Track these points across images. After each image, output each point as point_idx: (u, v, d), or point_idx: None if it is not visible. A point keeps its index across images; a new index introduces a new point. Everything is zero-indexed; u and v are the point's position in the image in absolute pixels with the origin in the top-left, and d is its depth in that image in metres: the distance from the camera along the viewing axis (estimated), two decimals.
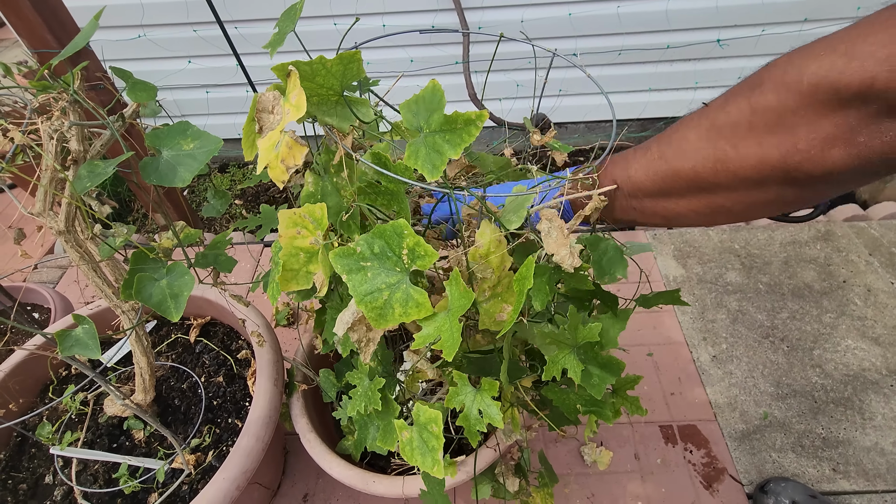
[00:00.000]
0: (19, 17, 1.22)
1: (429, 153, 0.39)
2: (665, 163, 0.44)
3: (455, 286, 0.45)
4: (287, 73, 0.42)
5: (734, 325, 1.42)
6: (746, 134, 0.38)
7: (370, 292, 0.45)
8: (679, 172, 0.43)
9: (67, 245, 0.65)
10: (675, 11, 1.60)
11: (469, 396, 0.57)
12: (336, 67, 0.43)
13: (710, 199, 0.43)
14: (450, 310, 0.45)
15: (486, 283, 0.51)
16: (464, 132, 0.39)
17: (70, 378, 1.02)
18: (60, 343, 0.47)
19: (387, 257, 0.45)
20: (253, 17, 1.60)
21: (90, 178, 0.54)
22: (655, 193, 0.47)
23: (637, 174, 0.47)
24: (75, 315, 0.50)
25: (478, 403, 0.56)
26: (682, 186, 0.44)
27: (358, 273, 0.45)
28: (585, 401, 0.65)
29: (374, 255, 0.45)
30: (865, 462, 1.14)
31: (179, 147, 0.57)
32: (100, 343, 0.57)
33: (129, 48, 1.64)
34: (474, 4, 1.59)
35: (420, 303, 0.44)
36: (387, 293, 0.45)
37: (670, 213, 0.47)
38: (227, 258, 0.79)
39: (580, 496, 1.12)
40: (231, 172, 2.12)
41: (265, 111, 0.43)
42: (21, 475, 0.91)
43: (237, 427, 0.93)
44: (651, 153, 0.46)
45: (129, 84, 0.58)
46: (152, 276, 0.59)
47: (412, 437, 0.54)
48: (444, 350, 0.43)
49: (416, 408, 0.54)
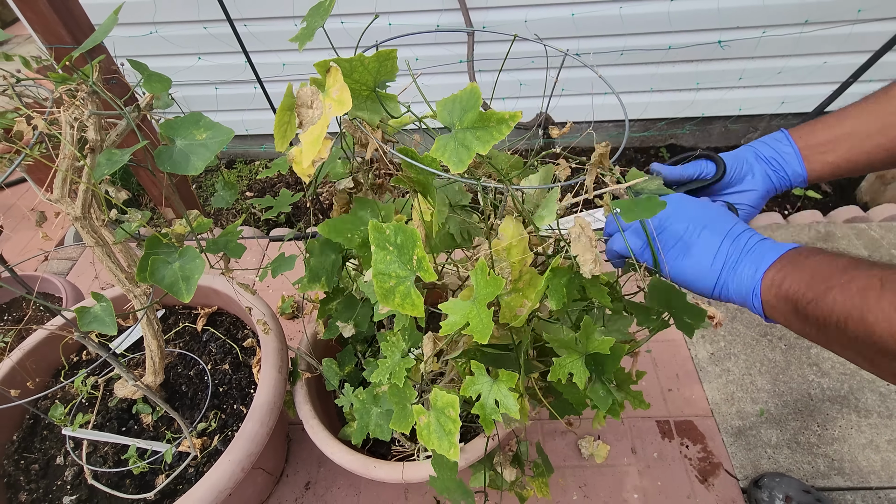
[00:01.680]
0: (35, 13, 1.26)
1: (457, 147, 0.42)
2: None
3: (481, 275, 0.47)
4: (327, 69, 0.44)
5: (732, 323, 1.44)
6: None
7: (384, 273, 0.48)
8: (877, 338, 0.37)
9: (83, 231, 0.68)
10: (676, 13, 1.62)
11: (486, 386, 0.58)
12: (373, 64, 0.46)
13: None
14: (476, 297, 0.47)
15: (507, 275, 0.53)
16: (495, 130, 0.41)
17: (81, 364, 1.05)
18: (80, 319, 0.50)
19: (404, 252, 0.48)
20: (262, 16, 1.63)
21: (109, 166, 0.56)
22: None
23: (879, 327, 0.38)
24: (94, 293, 0.53)
25: (494, 394, 0.57)
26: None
27: (382, 251, 0.49)
28: (598, 397, 0.67)
29: (396, 245, 0.48)
30: (860, 459, 1.16)
31: (192, 137, 0.60)
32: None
33: (141, 44, 1.67)
34: (479, 4, 1.61)
35: (415, 304, 0.47)
36: (394, 281, 0.48)
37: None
38: (237, 244, 0.82)
39: (576, 488, 1.14)
40: (238, 168, 2.15)
41: (304, 106, 0.45)
42: (33, 456, 0.93)
43: (242, 413, 0.96)
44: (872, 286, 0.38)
45: (145, 76, 0.61)
46: (165, 259, 0.62)
47: (429, 420, 0.56)
48: (475, 334, 0.45)
49: (434, 393, 0.56)
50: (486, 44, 1.69)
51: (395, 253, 0.48)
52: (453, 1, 1.58)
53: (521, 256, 0.52)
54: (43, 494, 0.88)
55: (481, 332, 0.45)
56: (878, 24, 1.65)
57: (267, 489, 1.12)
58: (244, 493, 1.00)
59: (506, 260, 0.52)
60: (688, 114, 1.92)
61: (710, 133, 2.07)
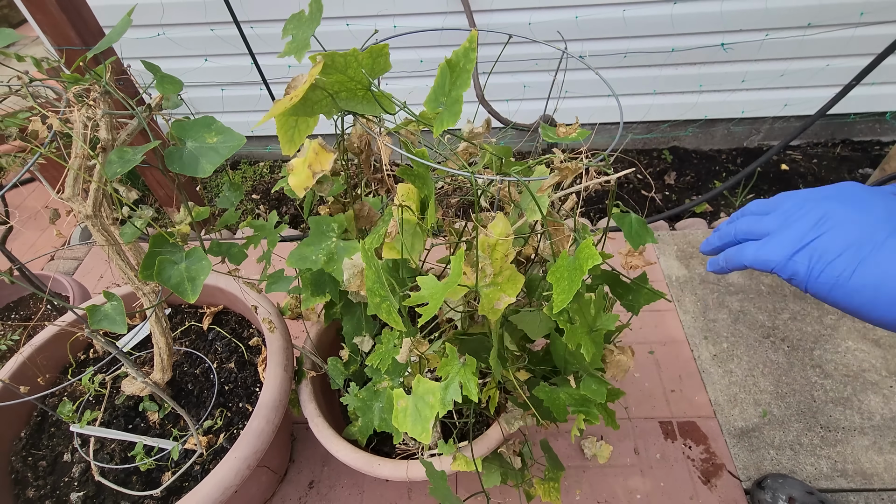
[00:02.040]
0: (45, 15, 1.27)
1: (448, 110, 0.45)
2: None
3: (457, 262, 0.48)
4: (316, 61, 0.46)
5: (735, 324, 1.44)
6: None
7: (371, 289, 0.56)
8: None
9: (94, 229, 0.69)
10: (679, 16, 1.63)
11: (455, 368, 0.60)
12: (366, 60, 0.47)
13: None
14: (448, 279, 0.49)
15: (488, 269, 0.55)
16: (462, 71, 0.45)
17: (88, 362, 1.06)
18: (91, 317, 0.51)
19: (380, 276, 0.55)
20: (269, 18, 1.64)
21: (120, 164, 0.57)
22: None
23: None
24: (105, 292, 0.53)
25: (460, 376, 0.59)
26: None
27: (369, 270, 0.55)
28: (575, 400, 0.69)
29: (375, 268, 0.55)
30: (863, 461, 1.16)
31: (203, 139, 0.61)
32: None
33: (149, 46, 1.69)
34: (483, 7, 1.63)
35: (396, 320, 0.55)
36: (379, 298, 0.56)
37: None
38: (238, 250, 0.83)
39: (579, 488, 1.14)
40: (242, 169, 2.16)
41: (293, 87, 0.47)
42: (41, 452, 0.94)
43: (248, 411, 0.96)
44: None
45: (158, 77, 0.62)
46: (172, 260, 0.63)
47: (407, 405, 0.57)
48: (424, 310, 0.48)
49: (417, 379, 0.58)
50: (490, 46, 1.69)
51: (375, 276, 0.54)
52: (458, 4, 1.60)
53: (505, 253, 0.53)
54: (50, 490, 0.89)
55: (428, 311, 0.49)
56: (881, 26, 1.66)
57: (271, 488, 1.12)
58: (249, 491, 1.00)
59: (489, 256, 0.54)
60: (691, 116, 1.92)
61: (713, 135, 2.07)
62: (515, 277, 0.54)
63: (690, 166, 2.05)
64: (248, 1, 1.59)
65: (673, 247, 1.67)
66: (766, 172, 1.99)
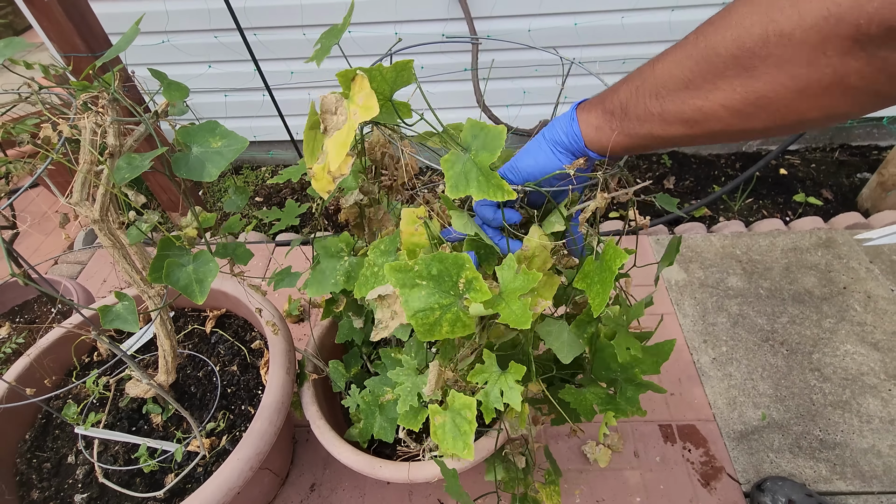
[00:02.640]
0: (51, 23, 1.29)
1: (459, 174, 0.45)
2: (703, 40, 0.37)
3: (509, 271, 0.49)
4: (352, 77, 0.46)
5: (734, 328, 1.45)
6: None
7: (423, 309, 0.49)
8: (718, 48, 0.36)
9: (101, 233, 0.70)
10: (677, 22, 1.65)
11: (494, 375, 0.60)
12: (390, 74, 0.48)
13: (749, 87, 0.36)
14: (504, 291, 0.50)
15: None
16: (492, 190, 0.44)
17: (92, 364, 1.07)
18: (103, 317, 0.52)
19: (444, 280, 0.49)
20: (272, 25, 1.66)
21: (129, 170, 0.59)
22: (683, 85, 0.39)
23: (665, 65, 0.40)
24: (117, 292, 0.55)
25: (501, 384, 0.59)
26: (718, 68, 0.36)
27: (412, 289, 0.49)
28: (601, 399, 0.68)
29: (430, 276, 0.49)
30: (862, 464, 1.16)
31: (208, 144, 0.62)
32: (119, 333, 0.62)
33: (153, 53, 1.71)
34: (484, 14, 1.65)
35: (467, 324, 0.49)
36: (438, 312, 0.49)
37: (697, 115, 0.39)
38: (244, 250, 0.84)
39: (580, 491, 1.15)
40: (244, 174, 2.18)
41: (328, 112, 0.47)
42: (45, 454, 0.95)
43: (250, 414, 0.97)
44: (685, 40, 0.39)
45: (165, 84, 0.63)
46: (180, 263, 0.64)
47: (445, 420, 0.57)
48: (512, 323, 0.47)
49: (451, 395, 0.58)
50: (491, 52, 1.71)
51: (432, 285, 0.49)
52: (459, 10, 1.62)
53: (542, 265, 0.54)
54: (55, 492, 0.90)
55: (517, 321, 0.47)
56: None
57: (273, 490, 1.13)
58: (251, 493, 1.01)
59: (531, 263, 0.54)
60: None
61: None
62: (552, 281, 0.55)
63: (689, 171, 2.06)
64: (252, 9, 1.61)
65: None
66: (764, 177, 2.01)
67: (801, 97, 0.34)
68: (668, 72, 0.40)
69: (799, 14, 0.31)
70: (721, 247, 1.68)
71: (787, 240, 1.68)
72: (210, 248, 0.71)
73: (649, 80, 0.42)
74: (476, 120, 0.47)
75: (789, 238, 1.68)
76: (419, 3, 1.62)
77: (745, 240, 1.70)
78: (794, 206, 1.92)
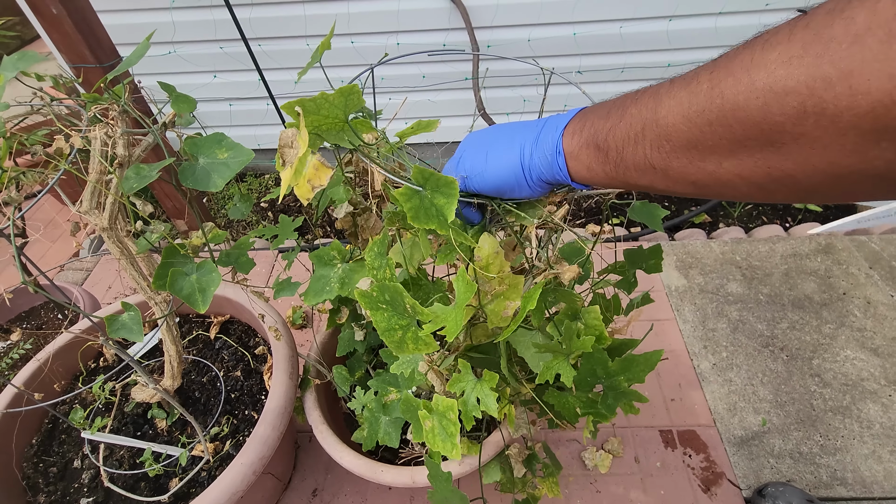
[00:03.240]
0: (61, 34, 1.32)
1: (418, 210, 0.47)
2: (719, 97, 0.30)
3: (462, 281, 0.50)
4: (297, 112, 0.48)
5: (734, 334, 1.45)
6: (877, 55, 0.23)
7: (388, 329, 0.53)
8: (737, 112, 0.29)
9: (109, 240, 0.72)
10: (675, 32, 1.67)
11: (470, 384, 0.62)
12: (338, 100, 0.48)
13: (773, 163, 0.29)
14: (456, 302, 0.51)
15: (488, 288, 0.57)
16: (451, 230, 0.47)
17: (98, 370, 1.09)
18: (109, 326, 0.53)
19: (396, 305, 0.53)
20: (276, 35, 1.69)
21: (137, 180, 0.60)
22: (693, 146, 0.33)
23: (671, 115, 0.33)
24: (123, 302, 0.56)
25: (477, 392, 0.61)
26: (736, 137, 0.30)
27: (378, 311, 0.53)
28: (583, 403, 0.70)
29: (386, 301, 0.53)
30: (863, 469, 1.16)
31: (214, 155, 0.64)
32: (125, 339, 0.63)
33: (159, 63, 1.74)
34: (484, 24, 1.67)
35: (428, 343, 0.52)
36: (400, 332, 0.53)
37: (708, 179, 0.33)
38: (247, 259, 0.86)
39: (580, 496, 1.15)
40: (248, 181, 2.20)
41: (286, 146, 0.48)
42: (52, 459, 0.96)
43: (253, 419, 0.98)
44: (697, 85, 0.32)
45: (174, 97, 0.65)
46: (183, 271, 0.66)
47: (434, 424, 0.59)
48: (447, 332, 0.49)
49: (435, 398, 0.59)
50: (491, 61, 1.74)
51: (390, 308, 0.53)
52: (459, 20, 1.64)
53: (500, 270, 0.56)
54: (61, 496, 0.91)
55: (451, 331, 0.49)
56: None
57: (276, 495, 1.14)
58: (254, 498, 1.02)
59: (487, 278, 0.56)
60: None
61: None
62: (516, 282, 0.57)
63: None
64: (256, 20, 1.64)
65: (672, 257, 1.69)
66: None
67: (838, 182, 0.28)
68: (673, 124, 0.33)
69: (851, 93, 0.24)
70: (721, 253, 1.69)
71: (787, 246, 1.69)
72: (213, 257, 0.73)
73: (651, 129, 0.35)
74: (420, 167, 0.47)
75: (789, 244, 1.69)
76: (420, 13, 1.65)
77: (745, 246, 1.71)
78: (794, 212, 1.93)
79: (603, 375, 0.65)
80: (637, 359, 0.62)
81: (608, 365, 0.62)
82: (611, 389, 0.65)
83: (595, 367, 0.63)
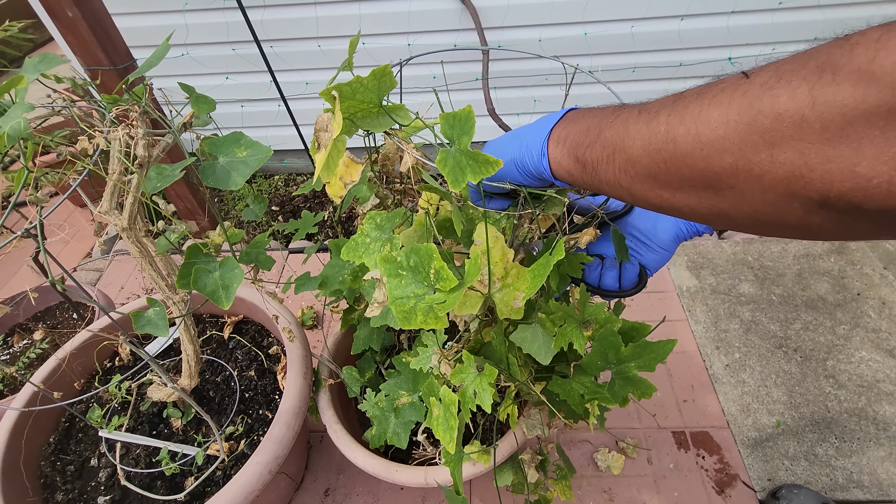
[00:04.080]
0: (76, 37, 1.34)
1: (454, 167, 0.46)
2: (672, 143, 0.35)
3: (473, 264, 0.51)
4: (333, 97, 0.48)
5: (747, 335, 1.44)
6: (792, 133, 0.28)
7: (401, 297, 0.52)
8: (685, 158, 0.34)
9: (128, 240, 0.73)
10: (687, 31, 1.66)
11: (470, 377, 0.62)
12: (372, 83, 0.49)
13: (714, 201, 0.35)
14: (464, 279, 0.52)
15: (494, 277, 0.57)
16: (482, 167, 0.46)
17: (114, 369, 1.10)
18: (135, 322, 0.54)
19: (418, 272, 0.52)
20: (288, 37, 1.70)
21: (159, 180, 0.61)
22: (652, 177, 0.38)
23: (635, 148, 0.38)
24: (149, 299, 0.57)
25: (475, 385, 0.61)
26: (685, 177, 0.35)
27: (395, 278, 0.52)
28: (587, 388, 0.70)
29: (409, 267, 0.52)
30: (879, 472, 1.15)
31: (234, 154, 0.64)
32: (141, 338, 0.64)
33: (173, 65, 1.76)
34: (494, 24, 1.67)
35: (439, 317, 0.51)
36: (413, 301, 0.52)
37: (663, 204, 0.39)
38: (266, 257, 0.86)
39: (593, 497, 1.15)
40: (258, 182, 2.22)
41: (322, 130, 0.49)
42: (69, 457, 0.97)
43: (268, 418, 0.99)
44: (657, 125, 0.36)
45: (193, 98, 0.66)
46: (207, 269, 0.66)
47: (440, 413, 0.59)
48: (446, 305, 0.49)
49: (442, 390, 0.60)
50: (501, 62, 1.74)
51: (409, 275, 0.52)
52: (469, 21, 1.64)
53: (502, 255, 0.56)
54: (78, 494, 0.92)
55: (449, 303, 0.49)
56: None
57: (289, 494, 1.14)
58: (269, 497, 1.02)
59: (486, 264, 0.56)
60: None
61: None
62: (523, 273, 0.57)
63: None
64: (268, 21, 1.65)
65: (683, 258, 1.69)
66: None
67: (762, 227, 0.34)
68: (637, 156, 0.38)
69: (771, 161, 0.29)
70: (732, 253, 1.68)
71: (800, 246, 1.67)
72: (235, 255, 0.73)
73: (619, 154, 0.40)
74: (445, 112, 0.48)
75: (801, 244, 1.68)
76: (431, 14, 1.65)
77: (757, 246, 1.69)
78: None
79: (614, 360, 0.64)
80: (651, 345, 0.62)
81: (620, 350, 0.62)
82: (619, 375, 0.65)
83: (607, 350, 0.63)
